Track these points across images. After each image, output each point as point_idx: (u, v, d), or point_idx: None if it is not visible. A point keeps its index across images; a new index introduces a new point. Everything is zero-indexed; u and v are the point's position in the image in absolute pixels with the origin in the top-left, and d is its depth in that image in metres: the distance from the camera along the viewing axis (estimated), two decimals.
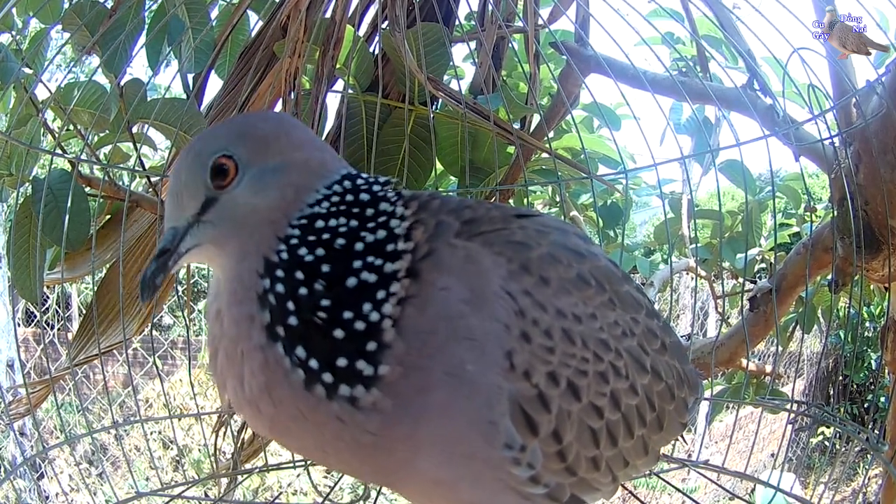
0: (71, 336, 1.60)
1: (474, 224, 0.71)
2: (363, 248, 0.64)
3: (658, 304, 4.05)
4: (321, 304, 0.62)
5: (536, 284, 0.69)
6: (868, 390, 6.28)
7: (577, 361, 0.69)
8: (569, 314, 0.70)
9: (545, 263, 0.70)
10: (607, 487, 0.76)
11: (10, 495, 1.61)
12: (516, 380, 0.65)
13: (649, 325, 0.80)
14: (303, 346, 0.62)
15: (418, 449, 0.65)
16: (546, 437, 0.67)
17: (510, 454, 0.65)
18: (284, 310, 0.62)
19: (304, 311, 0.62)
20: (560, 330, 0.68)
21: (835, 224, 1.52)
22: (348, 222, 0.65)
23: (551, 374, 0.67)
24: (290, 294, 0.63)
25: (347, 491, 3.22)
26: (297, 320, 0.62)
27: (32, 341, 5.48)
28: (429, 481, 0.68)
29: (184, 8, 1.42)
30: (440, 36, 1.49)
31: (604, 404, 0.72)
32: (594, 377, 0.71)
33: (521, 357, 0.65)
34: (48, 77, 2.48)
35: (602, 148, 2.02)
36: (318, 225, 0.65)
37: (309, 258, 0.64)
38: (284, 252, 0.64)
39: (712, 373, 1.97)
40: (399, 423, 0.63)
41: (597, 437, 0.72)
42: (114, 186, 1.50)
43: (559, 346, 0.68)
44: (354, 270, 0.63)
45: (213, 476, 1.49)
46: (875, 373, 5.73)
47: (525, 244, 0.71)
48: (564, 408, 0.68)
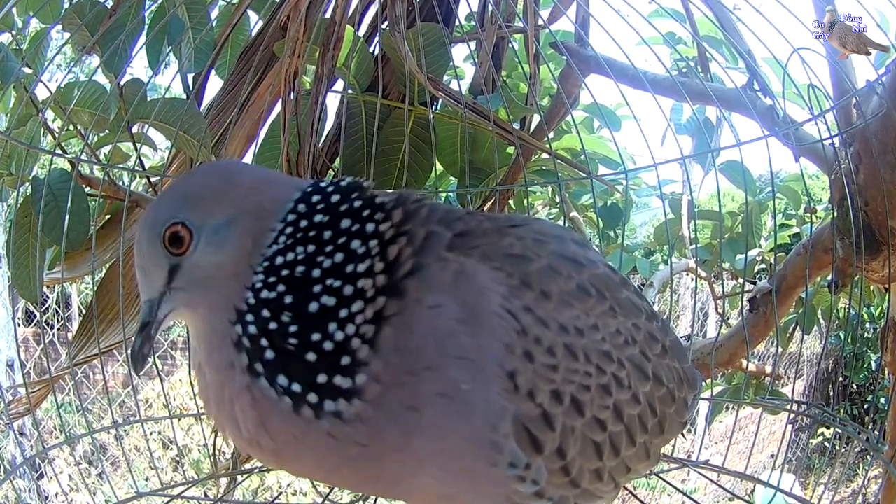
0: (71, 336, 1.60)
1: (468, 237, 0.70)
2: (320, 273, 0.64)
3: (658, 304, 4.05)
4: (290, 331, 0.64)
5: (537, 299, 0.68)
6: (868, 391, 6.27)
7: (580, 377, 0.68)
8: (571, 328, 0.69)
9: (545, 277, 0.70)
10: (609, 494, 0.77)
11: (10, 495, 1.61)
12: (520, 401, 0.64)
13: (650, 329, 0.79)
14: (283, 374, 0.64)
15: (415, 462, 0.65)
16: (550, 455, 0.67)
17: (514, 472, 0.65)
18: (259, 347, 0.64)
19: (276, 342, 0.64)
20: (563, 346, 0.68)
21: (835, 225, 1.52)
22: (305, 249, 0.65)
23: (555, 393, 0.67)
24: (262, 333, 0.64)
25: (347, 491, 3.22)
26: (272, 353, 0.64)
27: (32, 341, 5.48)
28: (433, 495, 0.68)
29: (184, 8, 1.42)
30: (440, 36, 1.49)
31: (607, 417, 0.71)
32: (597, 391, 0.70)
33: (524, 377, 0.64)
34: (48, 77, 2.48)
35: (602, 148, 2.02)
36: (278, 262, 0.65)
37: (272, 296, 0.64)
38: (251, 297, 0.65)
39: (712, 373, 1.97)
40: (386, 434, 0.64)
41: (600, 449, 0.71)
42: (114, 186, 1.50)
43: (562, 363, 0.67)
44: (314, 296, 0.64)
45: (213, 476, 1.49)
46: (875, 374, 5.73)
47: (524, 257, 0.70)
48: (568, 424, 0.68)
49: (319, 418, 0.63)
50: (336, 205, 0.67)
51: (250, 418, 0.65)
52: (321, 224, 0.66)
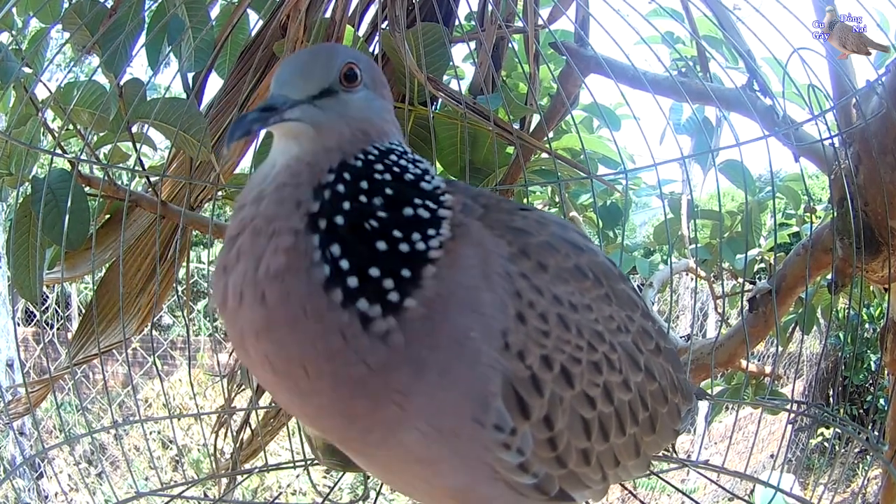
0: (70, 336, 1.60)
1: (488, 210, 0.74)
2: (420, 192, 0.68)
3: (658, 304, 4.05)
4: (377, 215, 0.64)
5: (534, 269, 0.70)
6: (867, 391, 6.28)
7: (571, 348, 0.70)
8: (565, 301, 0.71)
9: (543, 250, 0.72)
10: (597, 486, 0.76)
11: (10, 495, 1.61)
12: (510, 359, 0.65)
13: (644, 325, 0.81)
14: (339, 244, 0.62)
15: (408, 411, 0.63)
16: (537, 422, 0.67)
17: (500, 436, 0.65)
18: (336, 207, 0.64)
19: (355, 213, 0.64)
20: (556, 315, 0.69)
21: (834, 225, 1.52)
22: (414, 168, 0.70)
23: (545, 358, 0.68)
24: (348, 195, 0.65)
25: (347, 491, 3.22)
26: (343, 220, 0.63)
27: (32, 341, 5.49)
28: (411, 459, 0.67)
29: (184, 8, 1.42)
30: (440, 36, 1.49)
31: (596, 395, 0.72)
32: (588, 366, 0.71)
33: (515, 337, 0.66)
34: (48, 77, 2.48)
35: (602, 148, 2.02)
36: (392, 158, 0.70)
37: (377, 175, 0.67)
38: (361, 161, 0.68)
39: (712, 373, 1.97)
40: (398, 368, 0.62)
41: (588, 428, 0.72)
42: (113, 186, 1.50)
43: (554, 331, 0.69)
44: (413, 203, 0.67)
45: (213, 476, 1.49)
46: (875, 374, 5.74)
47: (525, 231, 0.73)
48: (557, 393, 0.69)
49: (344, 308, 0.61)
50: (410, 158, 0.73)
51: (275, 262, 0.61)
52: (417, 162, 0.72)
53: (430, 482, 0.70)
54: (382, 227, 0.64)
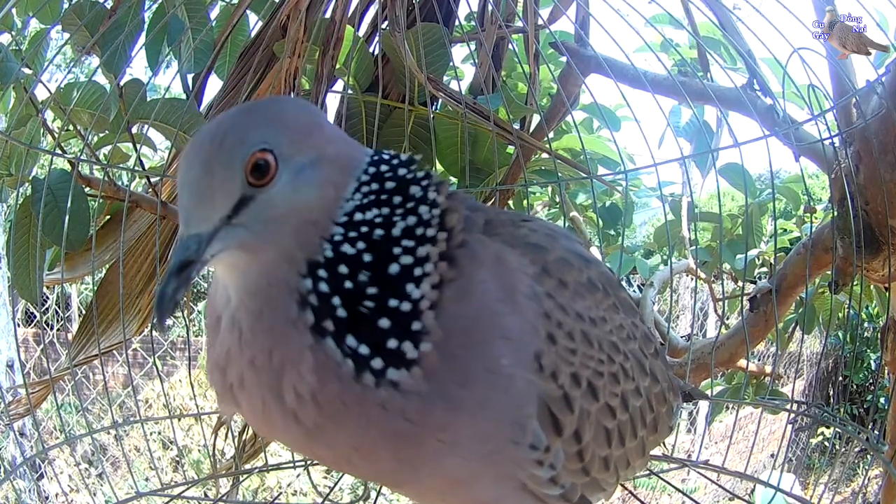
0: (71, 336, 1.60)
1: (490, 225, 0.72)
2: (399, 233, 0.62)
3: (658, 304, 4.05)
4: (367, 293, 0.60)
5: (557, 287, 0.70)
6: (868, 391, 6.28)
7: (594, 363, 0.71)
8: (586, 317, 0.72)
9: (561, 266, 0.72)
10: (611, 487, 0.79)
11: (10, 495, 1.61)
12: (544, 380, 0.66)
13: (645, 329, 0.84)
14: (352, 335, 0.60)
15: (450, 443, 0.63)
16: (568, 438, 0.68)
17: (534, 454, 0.66)
18: (330, 306, 0.60)
19: (350, 302, 0.60)
20: (580, 332, 0.70)
21: (835, 224, 1.52)
22: (380, 210, 0.63)
23: (574, 375, 0.69)
24: (334, 291, 0.60)
25: (347, 491, 3.22)
26: (345, 312, 0.60)
27: (32, 342, 5.48)
28: (448, 480, 0.67)
29: (183, 8, 1.42)
30: (440, 36, 1.49)
31: (616, 405, 0.74)
32: (608, 378, 0.73)
33: (548, 358, 0.66)
34: (48, 77, 2.48)
35: (602, 149, 2.02)
36: (357, 218, 0.62)
37: (352, 252, 0.61)
38: (330, 251, 0.61)
39: (712, 373, 1.97)
40: (436, 410, 0.61)
41: (610, 436, 0.74)
42: (114, 186, 1.50)
43: (580, 348, 0.70)
44: (394, 257, 0.61)
45: (213, 476, 1.49)
46: (875, 373, 5.74)
47: (541, 246, 0.72)
48: (585, 408, 0.70)
49: (378, 386, 0.60)
50: (402, 174, 0.66)
51: (305, 386, 0.60)
52: (392, 190, 0.64)
53: (461, 497, 0.70)
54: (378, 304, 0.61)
